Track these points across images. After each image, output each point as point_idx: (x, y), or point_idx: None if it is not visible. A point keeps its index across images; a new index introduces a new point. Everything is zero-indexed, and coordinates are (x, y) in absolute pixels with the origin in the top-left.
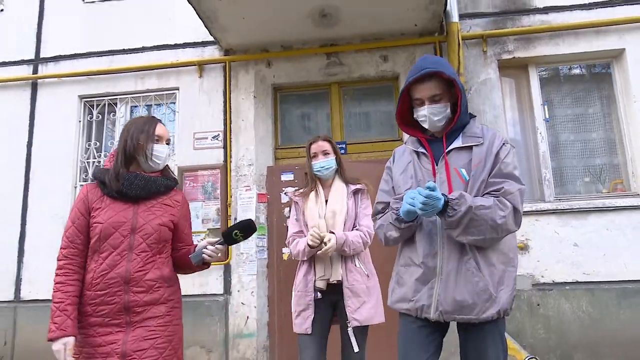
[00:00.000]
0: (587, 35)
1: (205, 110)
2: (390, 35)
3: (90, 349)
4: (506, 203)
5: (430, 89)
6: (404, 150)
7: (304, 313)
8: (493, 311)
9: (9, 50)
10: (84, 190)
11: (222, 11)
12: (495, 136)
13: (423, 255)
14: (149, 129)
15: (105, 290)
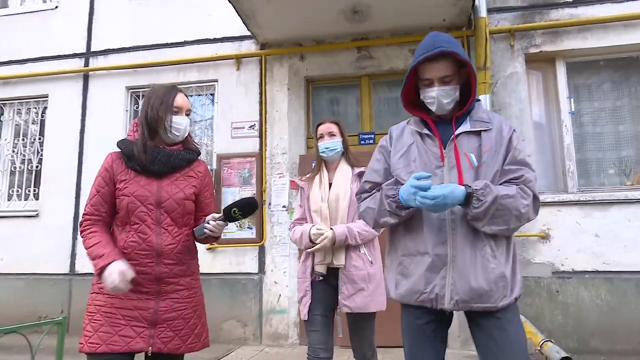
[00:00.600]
0: (616, 29)
1: (242, 101)
2: (419, 30)
3: (112, 310)
4: (527, 191)
5: (442, 69)
6: (402, 129)
7: (303, 299)
8: (511, 297)
9: (62, 44)
10: (108, 159)
11: (260, 10)
12: (502, 122)
13: (432, 244)
14: (168, 99)
15: (136, 260)
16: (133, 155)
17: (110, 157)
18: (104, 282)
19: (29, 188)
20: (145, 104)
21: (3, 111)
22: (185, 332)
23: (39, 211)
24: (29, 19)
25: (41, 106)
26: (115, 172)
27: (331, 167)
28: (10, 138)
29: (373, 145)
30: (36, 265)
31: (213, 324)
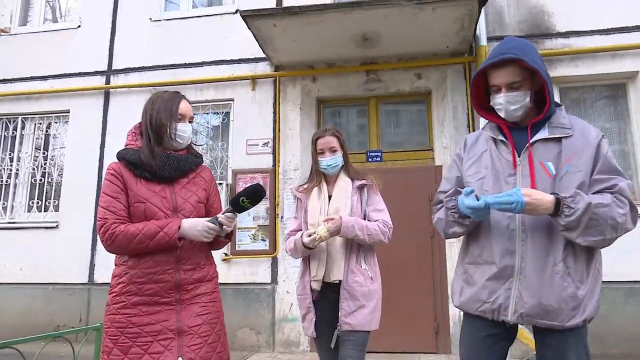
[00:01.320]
0: (604, 58)
1: (257, 119)
2: (424, 56)
3: (135, 329)
4: (623, 200)
5: (508, 75)
6: (478, 137)
7: (307, 316)
8: (579, 319)
9: (84, 62)
10: (115, 168)
11: (276, 36)
12: (588, 128)
13: (500, 253)
14: (172, 106)
15: (154, 268)
16: (141, 163)
17: (117, 167)
18: (194, 237)
19: (48, 200)
20: (149, 109)
21: (24, 125)
22: (213, 338)
23: (58, 222)
24: (52, 37)
25: (62, 121)
26: (125, 181)
27: (330, 180)
28: (30, 151)
29: (380, 163)
30: (55, 275)
31: (228, 332)
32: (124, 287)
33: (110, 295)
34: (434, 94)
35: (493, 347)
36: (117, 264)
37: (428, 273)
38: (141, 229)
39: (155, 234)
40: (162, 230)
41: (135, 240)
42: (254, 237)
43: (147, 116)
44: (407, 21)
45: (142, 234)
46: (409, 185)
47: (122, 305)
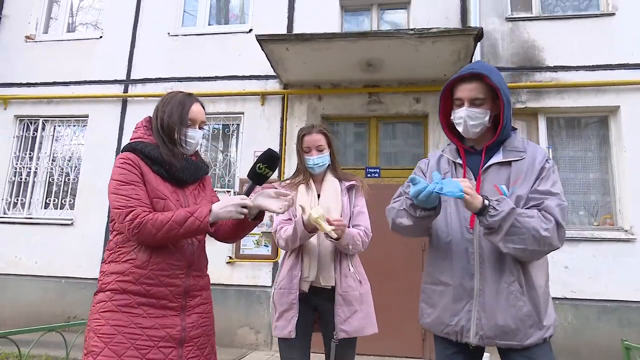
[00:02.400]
0: (589, 93)
1: (265, 133)
2: (423, 82)
3: (137, 330)
4: (549, 217)
5: (472, 90)
6: (439, 158)
7: (287, 314)
8: (538, 336)
9: (104, 70)
10: (131, 158)
11: (288, 58)
12: (537, 151)
13: (459, 276)
14: (183, 111)
15: (167, 271)
16: (160, 160)
17: (133, 157)
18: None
19: (64, 199)
20: (161, 110)
21: (45, 127)
22: (209, 350)
23: (74, 220)
24: (75, 45)
25: (81, 125)
26: (143, 173)
27: (317, 178)
28: (49, 152)
29: (378, 179)
30: (68, 269)
31: (229, 330)
32: (129, 285)
33: (104, 293)
34: (430, 117)
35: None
36: (113, 260)
37: (417, 282)
38: (170, 217)
39: (185, 219)
40: (193, 215)
41: (165, 228)
42: (257, 242)
43: (159, 116)
44: (409, 51)
45: (172, 221)
46: None
47: (124, 302)
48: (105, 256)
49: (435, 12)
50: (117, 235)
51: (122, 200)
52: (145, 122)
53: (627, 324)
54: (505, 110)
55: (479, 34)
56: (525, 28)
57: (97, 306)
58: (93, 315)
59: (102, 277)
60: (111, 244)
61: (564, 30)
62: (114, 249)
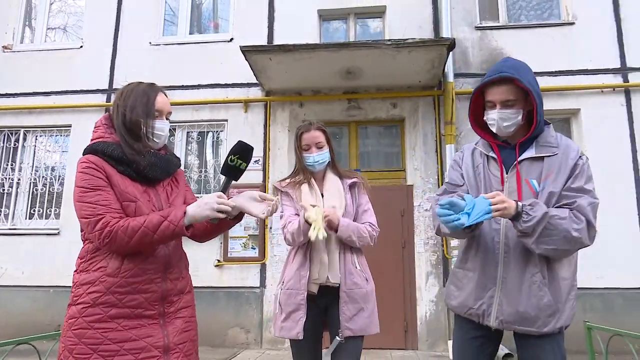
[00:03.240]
0: (552, 97)
1: (249, 139)
2: (399, 88)
3: (113, 346)
4: (580, 217)
5: (503, 93)
6: (473, 150)
7: (294, 315)
8: (555, 326)
9: (86, 80)
10: (94, 161)
11: (270, 67)
12: (570, 147)
13: (484, 263)
14: (148, 101)
15: (141, 276)
16: (125, 159)
17: (96, 159)
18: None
19: (49, 209)
20: (121, 104)
21: (26, 137)
22: (194, 357)
23: (60, 230)
24: (55, 55)
25: (64, 134)
26: (108, 175)
27: (318, 177)
28: (31, 162)
29: None
30: (56, 278)
31: (220, 331)
32: (99, 297)
33: (76, 307)
34: (407, 122)
35: (480, 348)
36: (84, 269)
37: (399, 279)
38: (143, 222)
39: (159, 224)
40: (166, 219)
41: (138, 235)
42: (244, 245)
43: (119, 111)
44: (386, 60)
45: (144, 227)
46: (384, 201)
47: (96, 318)
48: (77, 265)
49: (410, 21)
50: (88, 244)
51: (88, 209)
52: (105, 120)
53: (590, 308)
54: (539, 108)
55: (452, 44)
56: (493, 36)
57: (69, 323)
58: (66, 332)
59: (74, 288)
60: (82, 251)
61: (528, 38)
62: (85, 257)
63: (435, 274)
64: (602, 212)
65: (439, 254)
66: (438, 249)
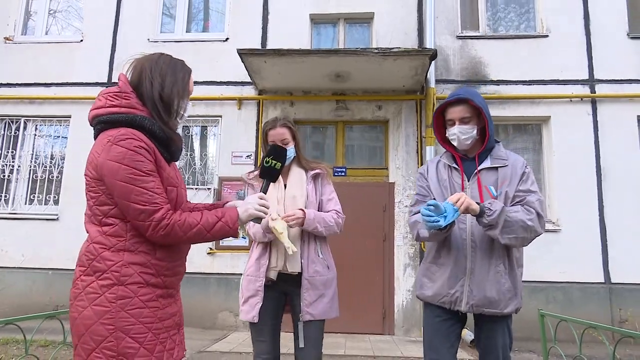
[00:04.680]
0: (525, 104)
1: (242, 135)
2: (385, 91)
3: (159, 324)
4: (530, 209)
5: (460, 111)
6: (437, 162)
7: (252, 300)
8: (513, 307)
9: (86, 73)
10: (146, 142)
11: (265, 69)
12: (518, 159)
13: (455, 258)
14: (184, 80)
15: (179, 260)
16: (164, 140)
17: (147, 140)
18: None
19: (49, 195)
20: (157, 76)
21: (26, 126)
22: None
23: (59, 215)
24: (56, 48)
25: (63, 125)
26: (157, 159)
27: (283, 170)
28: (31, 150)
29: (344, 177)
30: (55, 261)
31: (211, 314)
32: (151, 278)
33: (127, 286)
34: (390, 123)
35: (449, 329)
36: (127, 249)
37: (379, 270)
38: (199, 220)
39: (214, 224)
40: (221, 219)
41: (194, 232)
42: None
43: (155, 83)
44: (373, 66)
45: (201, 225)
46: (367, 197)
47: (149, 297)
48: (105, 241)
49: (396, 28)
50: (122, 223)
51: (144, 196)
52: (129, 86)
53: (553, 300)
54: (489, 124)
55: (434, 54)
56: (473, 45)
57: (121, 303)
58: (116, 313)
59: (116, 267)
60: (117, 229)
61: (505, 49)
62: (124, 236)
63: (412, 266)
64: (565, 211)
65: (417, 248)
66: (416, 243)
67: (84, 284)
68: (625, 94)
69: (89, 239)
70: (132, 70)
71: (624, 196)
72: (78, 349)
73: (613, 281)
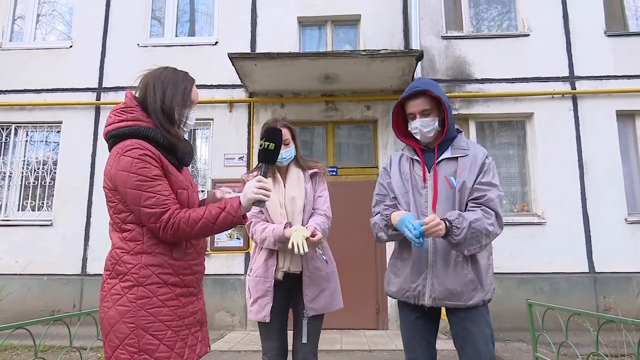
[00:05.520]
0: (509, 101)
1: (233, 137)
2: (373, 92)
3: (179, 322)
4: (489, 211)
5: (420, 104)
6: (400, 156)
7: (261, 300)
8: (478, 299)
9: (76, 79)
10: (151, 150)
11: (255, 72)
12: (478, 149)
13: (418, 251)
14: (185, 90)
15: (197, 259)
16: (171, 147)
17: (152, 148)
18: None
19: (42, 201)
20: (158, 89)
21: (17, 132)
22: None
23: (52, 221)
24: (45, 54)
25: (55, 130)
26: (164, 165)
27: (282, 170)
28: (22, 156)
29: (336, 176)
30: (50, 267)
31: (208, 314)
32: (169, 277)
33: (146, 287)
34: (379, 123)
35: (424, 326)
36: (144, 252)
37: (372, 266)
38: (203, 214)
39: (218, 215)
40: (224, 210)
41: (199, 226)
42: (230, 235)
43: (156, 96)
44: (361, 68)
45: (204, 218)
46: (358, 195)
47: (168, 296)
48: (125, 246)
49: (382, 30)
50: (139, 227)
51: (152, 199)
52: (135, 100)
53: (540, 291)
54: (449, 114)
55: (420, 55)
56: (458, 45)
57: (141, 302)
58: (136, 312)
59: (135, 269)
60: (134, 234)
61: (489, 48)
62: (141, 240)
63: None
64: (551, 204)
65: None
66: None
67: (109, 286)
68: (604, 90)
69: (112, 245)
70: (139, 86)
71: (605, 188)
72: (105, 346)
73: (597, 270)
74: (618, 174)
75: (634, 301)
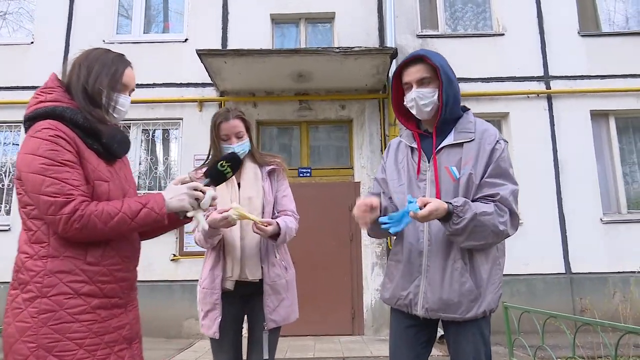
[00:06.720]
0: (485, 101)
1: (204, 137)
2: (347, 90)
3: (96, 339)
4: (504, 208)
5: (417, 72)
6: (398, 143)
7: (210, 314)
8: (478, 311)
9: (38, 76)
10: (63, 129)
11: (225, 69)
12: (488, 131)
13: (409, 253)
14: (116, 74)
15: (121, 264)
16: (93, 131)
17: (67, 130)
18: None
19: None
20: (84, 67)
21: None
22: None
23: (10, 226)
24: (4, 51)
25: (15, 130)
26: (80, 150)
27: None
28: None
29: (310, 178)
30: (7, 274)
31: (175, 322)
32: (82, 287)
33: (51, 299)
34: (354, 122)
35: (415, 337)
36: (50, 255)
37: (347, 270)
38: (120, 207)
39: (138, 211)
40: (145, 206)
41: (115, 221)
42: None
43: (81, 75)
44: (335, 65)
45: (122, 213)
46: (333, 197)
47: (80, 309)
48: (29, 249)
49: (357, 28)
50: (44, 225)
51: (54, 186)
52: (57, 81)
53: (517, 293)
54: (445, 88)
55: (394, 53)
56: (433, 44)
57: (43, 318)
58: (37, 329)
59: (38, 278)
60: (38, 235)
61: (464, 47)
62: (45, 241)
63: (380, 265)
64: (527, 205)
65: (384, 246)
66: (382, 242)
67: (10, 298)
68: (578, 90)
69: (17, 249)
70: (68, 67)
71: (580, 187)
72: None
73: (573, 271)
74: (593, 174)
75: (609, 302)
